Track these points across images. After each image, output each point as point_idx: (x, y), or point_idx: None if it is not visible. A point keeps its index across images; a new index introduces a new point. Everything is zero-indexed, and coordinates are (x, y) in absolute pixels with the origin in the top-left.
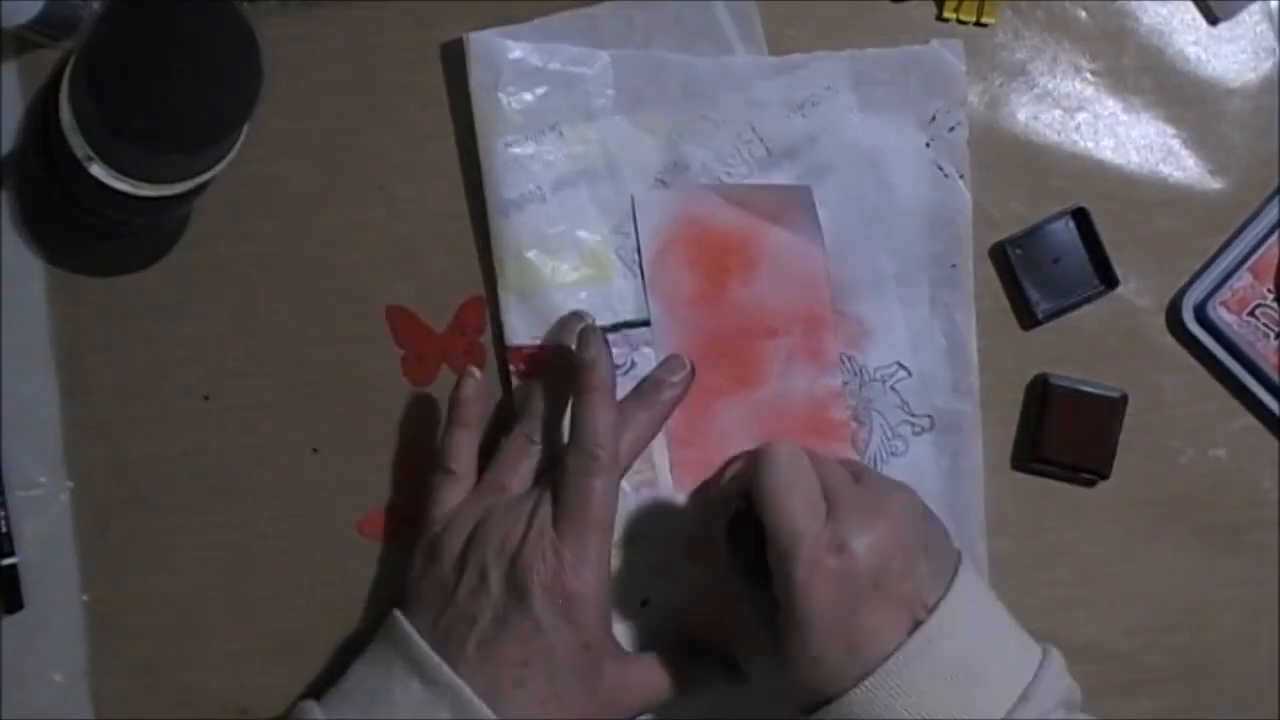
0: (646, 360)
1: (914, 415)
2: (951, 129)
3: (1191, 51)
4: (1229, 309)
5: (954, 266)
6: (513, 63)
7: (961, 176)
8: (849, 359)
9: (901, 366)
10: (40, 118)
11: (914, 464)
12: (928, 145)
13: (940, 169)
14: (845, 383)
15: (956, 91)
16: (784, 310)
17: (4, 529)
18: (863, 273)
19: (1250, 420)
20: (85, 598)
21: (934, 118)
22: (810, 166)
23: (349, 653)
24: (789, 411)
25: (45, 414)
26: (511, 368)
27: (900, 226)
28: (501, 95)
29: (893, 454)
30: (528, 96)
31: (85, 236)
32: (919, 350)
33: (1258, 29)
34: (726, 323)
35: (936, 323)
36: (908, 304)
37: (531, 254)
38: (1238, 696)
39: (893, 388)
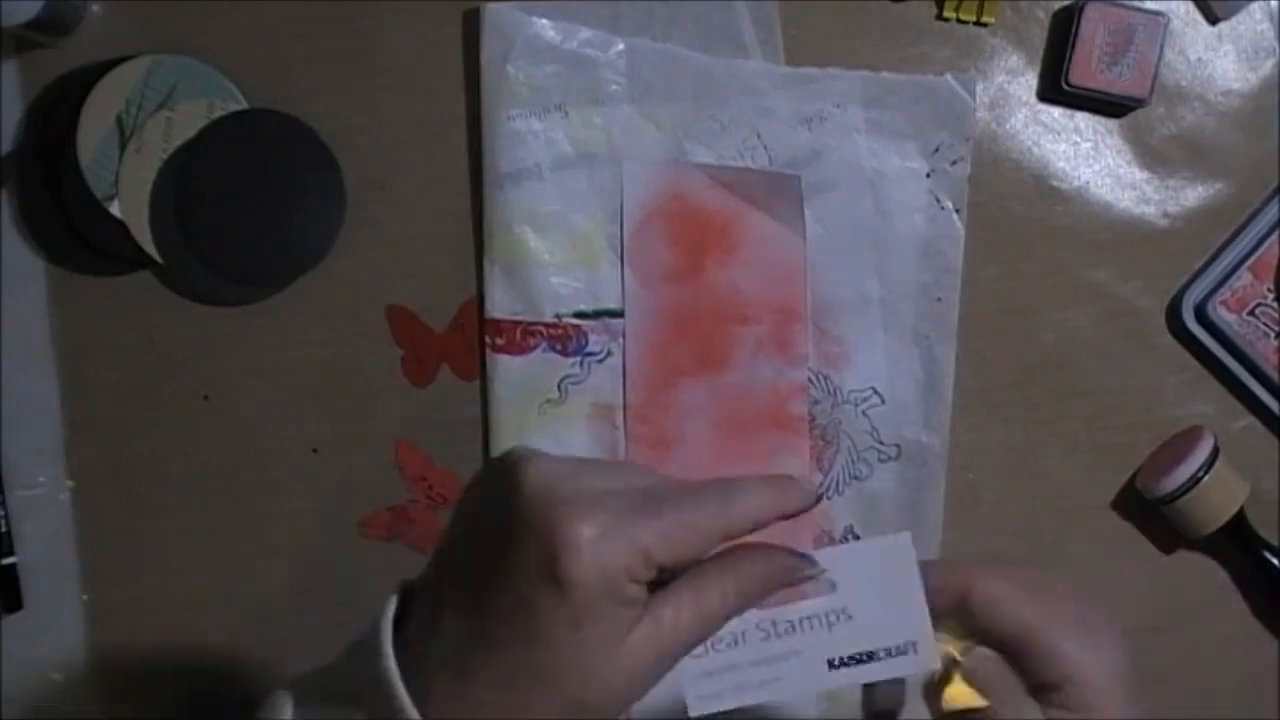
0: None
1: (882, 443)
2: (954, 163)
3: (1191, 51)
4: (1229, 308)
5: (939, 300)
6: (527, 37)
7: (958, 211)
8: (824, 378)
9: (876, 393)
10: (46, 137)
11: (873, 490)
12: (928, 175)
13: (938, 200)
14: (817, 401)
15: (964, 127)
16: (758, 298)
17: (4, 529)
18: (849, 293)
19: (1250, 420)
20: (85, 598)
21: (938, 149)
22: (810, 181)
23: None
24: (750, 399)
25: (45, 414)
26: (487, 340)
27: (891, 252)
28: (510, 67)
29: (855, 477)
30: (536, 72)
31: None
32: (895, 379)
33: (1258, 29)
34: (699, 303)
35: (916, 354)
36: (890, 331)
37: (522, 230)
38: (1238, 696)
39: (864, 413)
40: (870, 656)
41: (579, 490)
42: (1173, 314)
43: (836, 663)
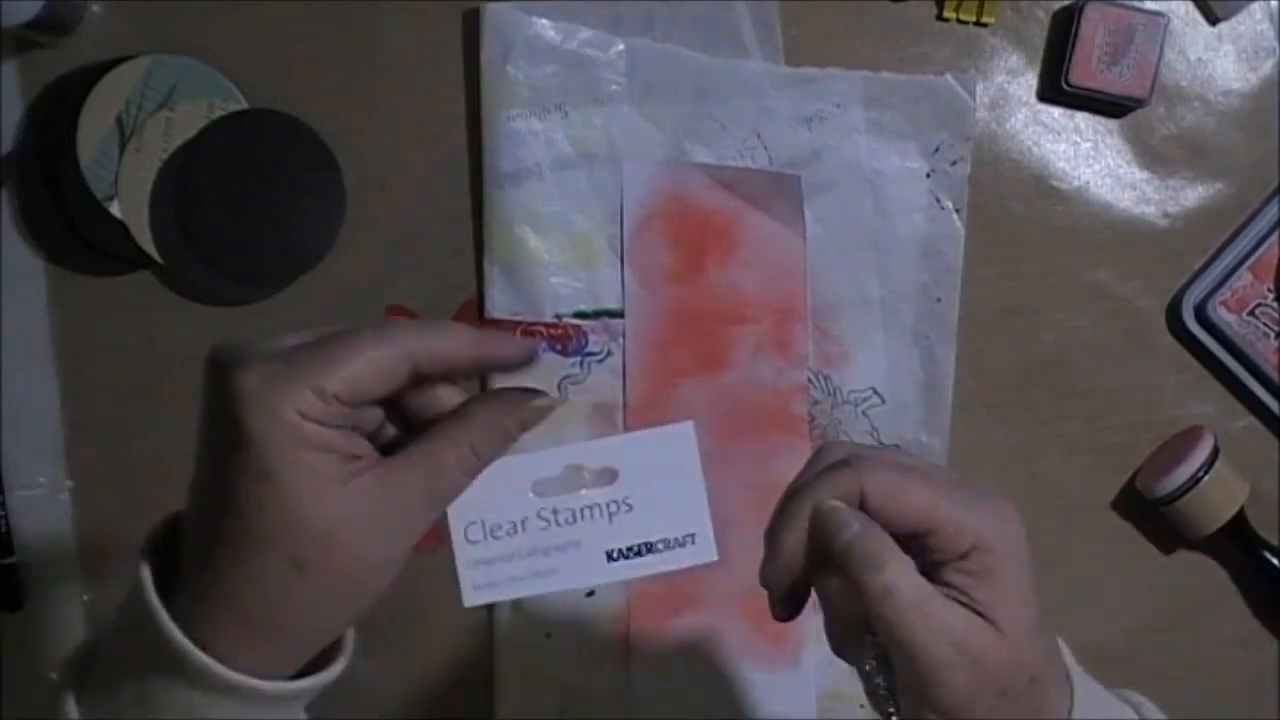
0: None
1: (882, 443)
2: (954, 163)
3: (1191, 51)
4: (1229, 308)
5: (939, 300)
6: (527, 37)
7: (958, 211)
8: (824, 378)
9: (876, 393)
10: (46, 137)
11: None
12: (928, 175)
13: (938, 200)
14: (817, 402)
15: (964, 127)
16: (758, 298)
17: (4, 529)
18: (849, 293)
19: (1250, 420)
20: (85, 598)
21: (938, 149)
22: (810, 181)
23: None
24: (751, 399)
25: (45, 414)
26: None
27: (891, 252)
28: (510, 67)
29: None
30: (536, 72)
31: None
32: (895, 379)
33: (1258, 29)
34: (699, 304)
35: (916, 354)
36: (890, 331)
37: (522, 230)
38: (1238, 696)
39: (864, 413)
40: (649, 548)
41: (251, 350)
42: (1173, 314)
43: (615, 555)
